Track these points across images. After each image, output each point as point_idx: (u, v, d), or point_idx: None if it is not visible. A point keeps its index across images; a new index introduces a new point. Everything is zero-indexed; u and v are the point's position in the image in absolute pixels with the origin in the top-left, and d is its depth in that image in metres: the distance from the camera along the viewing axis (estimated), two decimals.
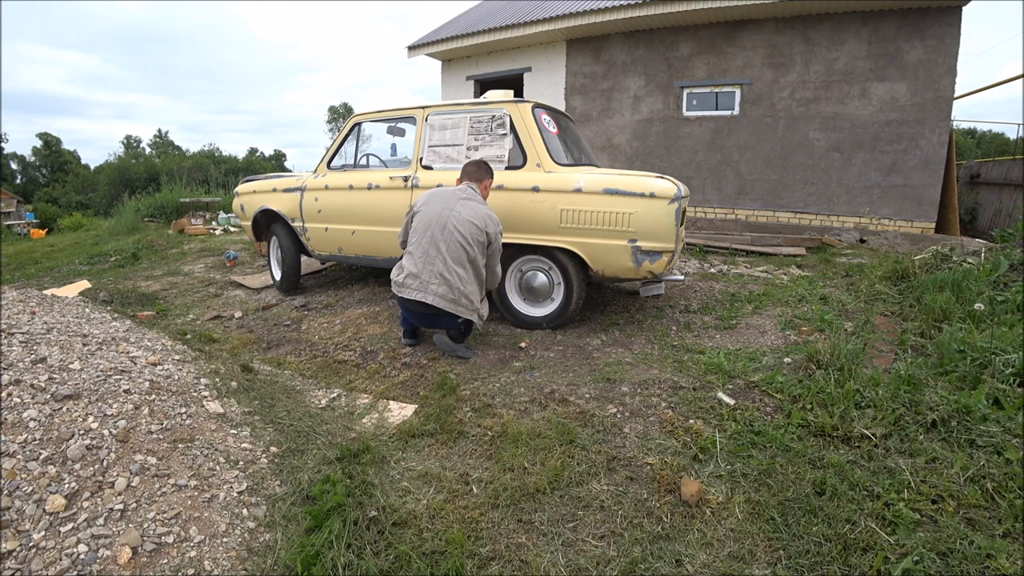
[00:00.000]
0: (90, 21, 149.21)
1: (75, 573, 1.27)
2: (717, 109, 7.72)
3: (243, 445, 1.90)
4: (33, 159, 54.63)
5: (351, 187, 3.87)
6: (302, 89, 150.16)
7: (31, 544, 1.31)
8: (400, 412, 2.37)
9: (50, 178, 52.00)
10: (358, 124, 4.01)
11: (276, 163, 59.77)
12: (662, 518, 1.65)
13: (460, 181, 2.99)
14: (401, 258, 2.91)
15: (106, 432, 1.69)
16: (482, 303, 2.92)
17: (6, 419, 1.61)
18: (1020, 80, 7.74)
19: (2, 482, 1.42)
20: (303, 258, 4.55)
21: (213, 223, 9.59)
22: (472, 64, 9.74)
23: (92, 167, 52.62)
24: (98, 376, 1.97)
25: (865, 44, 6.71)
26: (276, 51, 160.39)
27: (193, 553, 1.41)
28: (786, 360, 2.66)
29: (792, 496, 1.70)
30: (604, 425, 2.10)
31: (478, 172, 2.98)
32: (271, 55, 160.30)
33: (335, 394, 2.57)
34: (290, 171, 9.42)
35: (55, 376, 1.89)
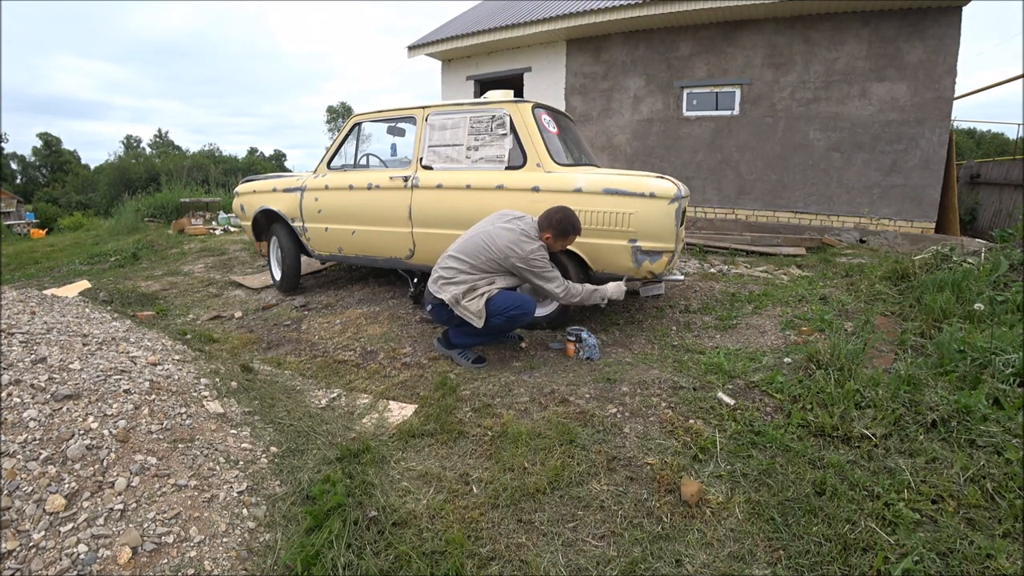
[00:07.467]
0: (125, 34, 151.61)
1: (75, 573, 1.27)
2: (717, 109, 7.71)
3: (243, 445, 1.90)
4: (33, 159, 54.64)
5: (351, 187, 3.87)
6: (319, 95, 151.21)
7: (31, 544, 1.31)
8: (400, 412, 2.37)
9: (50, 178, 51.98)
10: (358, 124, 4.01)
11: (276, 163, 59.77)
12: (662, 518, 1.65)
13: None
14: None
15: (106, 432, 1.69)
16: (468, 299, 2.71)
17: (6, 419, 1.61)
18: (1020, 80, 7.73)
19: (2, 482, 1.42)
20: (303, 258, 4.55)
21: (213, 223, 9.59)
22: (472, 64, 9.74)
23: (92, 167, 52.63)
24: (98, 376, 1.97)
25: (865, 44, 6.71)
26: (300, 61, 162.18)
27: (193, 553, 1.41)
28: (786, 360, 2.66)
29: (792, 496, 1.70)
30: (604, 425, 2.10)
31: (542, 218, 2.79)
32: (295, 65, 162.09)
33: (335, 394, 2.56)
34: (290, 171, 9.42)
35: (55, 376, 1.89)
